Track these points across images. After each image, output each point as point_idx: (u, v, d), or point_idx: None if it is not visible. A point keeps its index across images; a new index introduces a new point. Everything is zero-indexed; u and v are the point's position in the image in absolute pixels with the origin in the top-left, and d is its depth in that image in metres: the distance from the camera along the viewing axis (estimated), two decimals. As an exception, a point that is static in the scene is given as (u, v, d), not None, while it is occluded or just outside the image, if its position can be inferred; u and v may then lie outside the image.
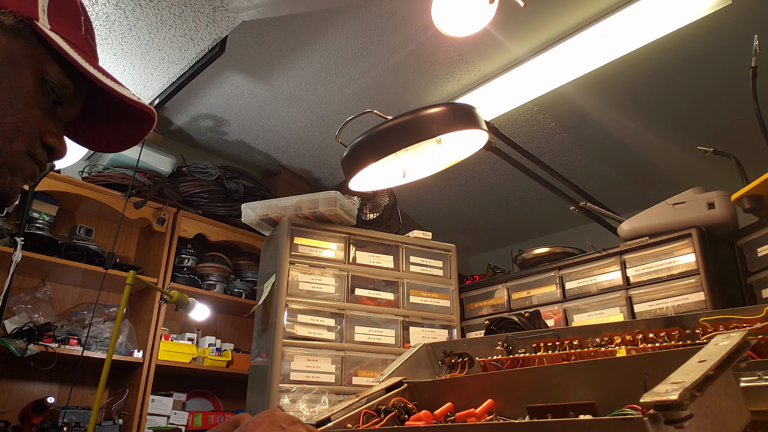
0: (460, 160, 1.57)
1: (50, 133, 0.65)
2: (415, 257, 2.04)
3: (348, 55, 2.29)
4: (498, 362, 0.89)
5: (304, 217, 1.92)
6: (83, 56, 0.64)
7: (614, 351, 0.77)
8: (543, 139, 2.77)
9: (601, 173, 3.03)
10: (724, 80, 2.27)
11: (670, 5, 1.86)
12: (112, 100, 0.68)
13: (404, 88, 2.48)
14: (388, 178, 1.60)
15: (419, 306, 1.98)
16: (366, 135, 1.39)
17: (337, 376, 1.80)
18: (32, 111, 0.62)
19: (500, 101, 2.46)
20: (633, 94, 2.41)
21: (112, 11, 1.99)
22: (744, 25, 1.97)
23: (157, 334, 2.48)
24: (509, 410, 0.72)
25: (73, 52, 0.63)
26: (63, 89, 0.64)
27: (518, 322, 1.02)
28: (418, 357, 1.01)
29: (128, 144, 0.76)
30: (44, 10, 0.61)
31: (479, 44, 2.17)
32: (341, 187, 1.99)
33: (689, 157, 2.71)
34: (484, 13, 1.64)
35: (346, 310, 1.88)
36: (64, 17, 0.64)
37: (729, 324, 0.70)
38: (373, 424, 0.76)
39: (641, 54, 2.10)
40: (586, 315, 1.81)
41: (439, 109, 1.37)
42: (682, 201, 1.62)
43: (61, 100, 0.65)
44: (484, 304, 2.15)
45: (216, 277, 2.86)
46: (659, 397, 0.42)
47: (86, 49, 0.66)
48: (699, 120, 2.54)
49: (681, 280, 1.58)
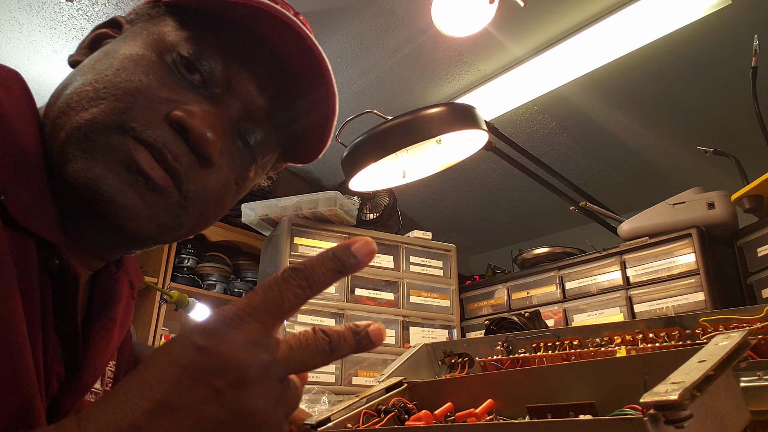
0: (460, 160, 1.57)
1: (183, 109, 0.49)
2: (415, 257, 2.04)
3: (348, 55, 2.29)
4: (498, 362, 0.89)
5: (304, 217, 1.92)
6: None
7: (614, 351, 0.77)
8: (543, 139, 2.77)
9: (601, 173, 3.03)
10: (724, 80, 2.27)
11: (670, 5, 1.86)
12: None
13: (404, 88, 2.48)
14: (388, 178, 1.60)
15: (419, 306, 1.98)
16: (366, 135, 1.39)
17: (337, 376, 1.80)
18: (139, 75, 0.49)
19: (500, 101, 2.46)
20: (633, 94, 2.41)
21: (112, 11, 1.99)
22: (744, 25, 1.97)
23: (157, 334, 2.48)
24: (509, 410, 0.72)
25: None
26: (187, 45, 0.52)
27: (518, 322, 1.02)
28: (418, 357, 1.01)
29: (316, 141, 0.61)
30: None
31: (479, 44, 2.17)
32: (341, 187, 1.99)
33: (689, 157, 2.71)
34: (484, 13, 1.64)
35: (346, 310, 1.88)
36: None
37: (729, 324, 0.70)
38: (373, 424, 0.76)
39: (641, 54, 2.10)
40: (586, 315, 1.81)
41: (439, 109, 1.37)
42: (682, 201, 1.62)
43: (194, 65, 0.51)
44: (484, 304, 2.15)
45: (216, 277, 2.87)
46: (659, 397, 0.42)
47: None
48: (699, 120, 2.54)
49: (681, 280, 1.58)
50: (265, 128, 0.57)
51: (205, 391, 0.35)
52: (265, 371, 0.36)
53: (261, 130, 0.56)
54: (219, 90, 0.53)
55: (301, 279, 0.38)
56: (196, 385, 0.35)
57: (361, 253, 0.40)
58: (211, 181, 0.52)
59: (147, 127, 0.48)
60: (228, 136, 0.53)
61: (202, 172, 0.51)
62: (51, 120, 0.49)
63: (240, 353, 0.36)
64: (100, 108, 0.47)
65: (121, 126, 0.47)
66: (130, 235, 0.49)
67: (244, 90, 0.54)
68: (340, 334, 0.39)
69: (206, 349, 0.35)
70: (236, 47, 0.54)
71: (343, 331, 0.40)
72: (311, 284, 0.39)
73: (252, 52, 0.55)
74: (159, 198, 0.49)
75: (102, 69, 0.50)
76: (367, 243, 0.40)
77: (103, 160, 0.47)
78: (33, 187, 0.46)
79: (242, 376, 0.35)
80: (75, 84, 0.50)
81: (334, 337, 0.39)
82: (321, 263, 0.39)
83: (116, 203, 0.47)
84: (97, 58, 0.52)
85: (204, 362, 0.35)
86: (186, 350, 0.36)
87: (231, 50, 0.54)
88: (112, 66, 0.50)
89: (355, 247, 0.40)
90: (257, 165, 0.59)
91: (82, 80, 0.50)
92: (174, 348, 0.36)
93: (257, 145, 0.56)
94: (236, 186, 0.57)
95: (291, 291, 0.38)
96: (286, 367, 0.38)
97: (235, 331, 0.36)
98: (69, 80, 0.52)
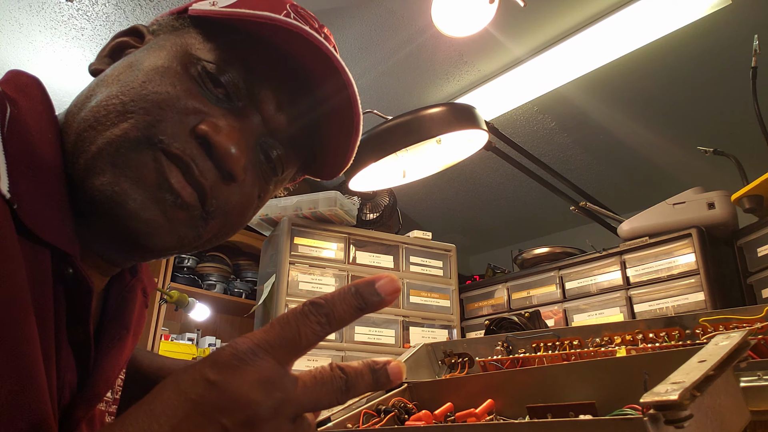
0: (460, 160, 1.57)
1: (209, 123, 0.49)
2: (415, 257, 2.04)
3: (348, 55, 2.29)
4: (498, 362, 0.89)
5: (304, 217, 1.92)
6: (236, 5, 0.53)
7: (614, 351, 0.77)
8: (543, 139, 2.77)
9: (601, 173, 3.03)
10: (724, 80, 2.27)
11: (670, 5, 1.86)
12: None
13: (404, 88, 2.48)
14: (388, 178, 1.60)
15: (419, 306, 1.98)
16: (366, 135, 1.39)
17: (337, 376, 1.80)
18: (167, 86, 0.49)
19: (500, 101, 2.46)
20: (633, 94, 2.41)
21: (112, 11, 1.99)
22: (744, 25, 1.97)
23: (157, 334, 2.48)
24: (509, 410, 0.72)
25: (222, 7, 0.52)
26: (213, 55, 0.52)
27: (518, 322, 1.02)
28: (418, 357, 1.01)
29: (341, 157, 0.60)
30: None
31: (479, 44, 2.17)
32: (341, 187, 1.99)
33: (689, 157, 2.71)
34: (484, 13, 1.64)
35: (346, 310, 1.88)
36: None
37: (729, 324, 0.70)
38: (373, 424, 0.76)
39: (641, 54, 2.10)
40: (586, 315, 1.81)
41: (439, 109, 1.37)
42: (682, 201, 1.62)
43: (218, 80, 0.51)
44: (484, 304, 2.15)
45: (216, 277, 2.87)
46: (659, 397, 0.42)
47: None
48: (699, 120, 2.54)
49: (681, 280, 1.58)
50: (288, 143, 0.57)
51: (213, 429, 0.34)
52: (276, 411, 0.35)
53: (283, 145, 0.56)
54: (242, 104, 0.53)
55: (321, 315, 0.37)
56: (204, 422, 0.34)
57: (386, 291, 0.38)
58: (234, 196, 0.53)
59: (174, 140, 0.48)
60: (251, 151, 0.54)
61: (225, 187, 0.51)
62: (75, 132, 0.49)
63: (252, 392, 0.34)
64: (130, 123, 0.47)
65: (150, 140, 0.47)
66: (150, 248, 0.49)
67: (268, 105, 0.54)
68: (358, 372, 0.38)
69: (217, 385, 0.34)
70: (260, 62, 0.54)
71: (361, 368, 0.38)
72: (331, 321, 0.37)
73: (276, 68, 0.55)
74: (183, 213, 0.49)
75: (128, 81, 0.50)
76: (392, 281, 0.39)
77: (132, 176, 0.47)
78: (49, 196, 0.45)
79: (252, 416, 0.34)
80: (100, 96, 0.50)
81: (351, 375, 0.38)
82: (343, 300, 0.38)
83: (139, 219, 0.47)
84: (121, 70, 0.52)
85: (214, 399, 0.34)
86: (197, 385, 0.34)
87: (255, 65, 0.54)
88: (138, 78, 0.50)
89: (380, 284, 0.38)
90: (278, 179, 0.59)
91: (107, 92, 0.50)
92: (184, 381, 0.35)
93: (279, 159, 0.57)
94: (258, 200, 0.57)
95: (309, 327, 0.36)
96: (300, 407, 0.36)
97: (248, 368, 0.35)
98: (92, 90, 0.52)
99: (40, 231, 0.43)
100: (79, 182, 0.47)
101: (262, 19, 0.50)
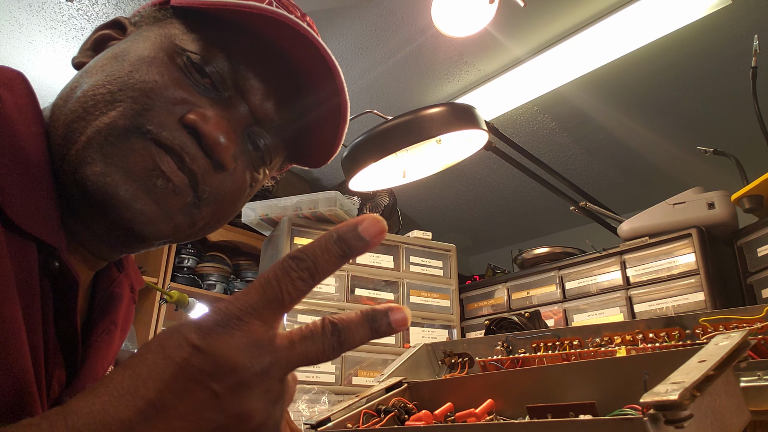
0: (460, 160, 1.57)
1: (197, 113, 0.49)
2: (415, 257, 2.04)
3: (348, 55, 2.29)
4: (498, 362, 0.89)
5: (304, 217, 1.92)
6: None
7: (614, 351, 0.77)
8: (543, 139, 2.77)
9: (601, 173, 3.03)
10: (724, 80, 2.27)
11: (670, 5, 1.85)
12: None
13: (404, 88, 2.48)
14: (388, 178, 1.60)
15: (419, 306, 1.98)
16: (366, 135, 1.39)
17: (337, 376, 1.80)
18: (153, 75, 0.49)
19: (500, 101, 2.46)
20: (633, 94, 2.41)
21: (112, 11, 2.00)
22: (744, 25, 1.97)
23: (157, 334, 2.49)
24: (509, 410, 0.72)
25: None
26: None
27: (518, 322, 1.02)
28: (418, 357, 1.01)
29: (328, 142, 0.60)
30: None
31: (479, 44, 2.17)
32: (341, 187, 1.99)
33: (689, 157, 2.71)
34: (484, 13, 1.64)
35: (346, 310, 1.87)
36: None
37: (729, 324, 0.70)
38: (373, 424, 0.76)
39: (641, 54, 2.10)
40: (586, 315, 1.81)
41: (439, 109, 1.37)
42: (682, 201, 1.62)
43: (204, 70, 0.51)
44: (484, 304, 2.15)
45: (216, 277, 2.87)
46: (659, 397, 0.42)
47: None
48: (699, 120, 2.54)
49: (681, 280, 1.58)
50: (275, 132, 0.57)
51: (203, 394, 0.33)
52: (266, 374, 0.34)
53: (270, 133, 0.56)
54: (228, 93, 0.53)
55: (302, 270, 0.35)
56: (193, 387, 0.33)
57: (370, 233, 0.35)
58: (226, 184, 0.53)
59: (163, 129, 0.48)
60: (240, 140, 0.54)
61: (216, 176, 0.52)
62: (63, 124, 0.49)
63: (240, 357, 0.33)
64: (118, 111, 0.47)
65: (139, 129, 0.47)
66: (144, 236, 0.49)
67: (254, 95, 0.54)
68: (352, 325, 0.36)
69: (203, 350, 0.33)
70: (245, 52, 0.54)
71: (356, 319, 0.36)
72: (313, 274, 0.35)
73: (260, 55, 0.55)
74: (176, 199, 0.49)
75: (114, 71, 0.49)
76: (376, 221, 0.35)
77: (123, 165, 0.47)
78: (34, 189, 0.45)
79: (242, 380, 0.33)
80: (84, 86, 0.50)
81: (344, 330, 0.36)
82: (324, 249, 0.35)
83: (132, 209, 0.47)
84: (105, 61, 0.52)
85: (201, 363, 0.33)
86: (181, 349, 0.33)
87: (239, 55, 0.54)
88: (124, 68, 0.49)
89: (363, 227, 0.35)
90: (267, 167, 0.59)
91: (92, 82, 0.49)
92: (169, 345, 0.34)
93: (267, 148, 0.57)
94: (249, 189, 0.58)
95: (292, 284, 0.35)
96: (288, 367, 0.35)
97: (234, 332, 0.33)
98: (76, 82, 0.51)
99: (25, 224, 0.43)
100: (70, 174, 0.47)
101: (244, 8, 0.50)
